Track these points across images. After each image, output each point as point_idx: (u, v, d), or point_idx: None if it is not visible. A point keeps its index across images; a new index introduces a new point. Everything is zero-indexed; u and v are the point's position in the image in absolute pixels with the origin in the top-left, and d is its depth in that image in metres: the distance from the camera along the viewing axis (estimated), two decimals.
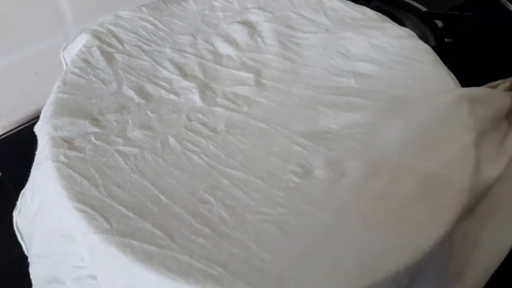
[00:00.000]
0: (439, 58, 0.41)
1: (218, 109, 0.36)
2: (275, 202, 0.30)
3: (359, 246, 0.28)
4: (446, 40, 0.54)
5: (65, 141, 0.32)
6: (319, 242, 0.28)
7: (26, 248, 0.36)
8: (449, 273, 0.31)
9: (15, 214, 0.37)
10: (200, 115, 0.36)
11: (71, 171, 0.30)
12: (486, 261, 0.33)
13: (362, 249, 0.28)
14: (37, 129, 0.36)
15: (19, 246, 0.36)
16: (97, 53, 0.39)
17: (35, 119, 0.35)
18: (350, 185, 0.31)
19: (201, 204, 0.30)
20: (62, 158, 0.31)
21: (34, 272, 0.34)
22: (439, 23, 0.57)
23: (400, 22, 0.44)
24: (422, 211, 0.30)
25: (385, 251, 0.28)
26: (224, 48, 0.41)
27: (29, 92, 0.54)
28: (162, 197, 0.30)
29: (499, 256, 0.33)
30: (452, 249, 0.30)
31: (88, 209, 0.28)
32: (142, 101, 0.36)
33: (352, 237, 0.28)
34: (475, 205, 0.31)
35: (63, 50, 0.41)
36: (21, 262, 0.35)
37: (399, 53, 0.41)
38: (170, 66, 0.39)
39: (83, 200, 0.29)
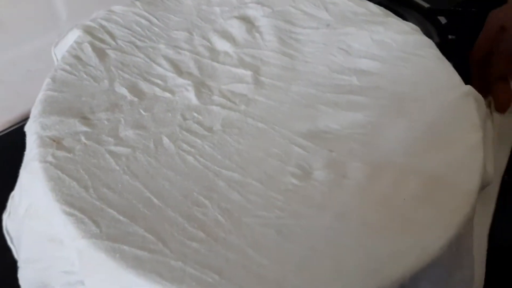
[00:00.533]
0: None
1: (214, 107, 0.35)
2: (273, 205, 0.29)
3: (362, 250, 0.27)
4: (449, 37, 0.54)
5: (54, 140, 0.31)
6: (319, 246, 0.27)
7: (16, 252, 0.35)
8: (455, 279, 0.30)
9: (4, 216, 0.37)
10: (195, 114, 0.35)
11: (59, 172, 0.29)
12: (476, 259, 0.32)
13: (365, 253, 0.27)
14: (27, 128, 0.35)
15: (9, 250, 0.35)
16: (88, 49, 0.38)
17: (28, 118, 0.34)
18: (352, 187, 0.30)
19: (195, 207, 0.29)
20: (50, 158, 0.30)
21: (23, 277, 0.33)
22: (443, 20, 0.56)
23: (403, 19, 0.44)
24: (428, 214, 0.29)
25: (389, 255, 0.27)
26: (221, 44, 0.40)
27: (22, 91, 0.53)
28: (155, 200, 0.29)
29: (483, 246, 0.34)
30: (460, 253, 0.29)
31: (76, 212, 0.28)
32: (135, 99, 0.35)
33: (354, 240, 0.28)
34: None
35: (54, 47, 0.41)
36: (11, 266, 0.34)
37: (403, 49, 0.40)
38: (164, 63, 0.38)
39: (72, 203, 0.28)
